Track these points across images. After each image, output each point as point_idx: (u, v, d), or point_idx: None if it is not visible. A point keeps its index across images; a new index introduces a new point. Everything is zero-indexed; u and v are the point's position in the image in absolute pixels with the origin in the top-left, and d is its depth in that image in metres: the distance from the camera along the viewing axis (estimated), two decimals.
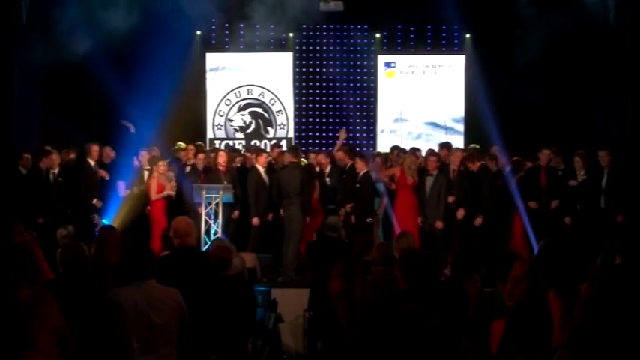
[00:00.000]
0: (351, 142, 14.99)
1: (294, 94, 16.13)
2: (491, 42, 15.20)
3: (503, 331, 5.23)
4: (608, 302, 4.02)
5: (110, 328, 3.78)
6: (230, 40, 15.98)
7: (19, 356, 4.26)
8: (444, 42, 16.05)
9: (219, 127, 16.15)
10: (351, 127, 15.47)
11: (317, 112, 16.26)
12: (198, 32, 15.84)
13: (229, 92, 16.15)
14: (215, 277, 6.71)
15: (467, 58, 15.79)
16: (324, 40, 16.05)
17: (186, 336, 5.62)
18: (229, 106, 16.16)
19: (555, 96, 14.96)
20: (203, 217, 11.76)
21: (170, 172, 12.38)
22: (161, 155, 12.80)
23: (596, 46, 14.83)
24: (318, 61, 16.10)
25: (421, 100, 15.97)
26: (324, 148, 14.74)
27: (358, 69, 16.17)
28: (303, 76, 16.24)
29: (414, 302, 4.46)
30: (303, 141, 15.95)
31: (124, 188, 12.30)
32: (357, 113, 15.88)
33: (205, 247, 10.79)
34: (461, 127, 15.90)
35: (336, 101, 16.11)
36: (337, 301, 6.60)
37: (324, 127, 16.21)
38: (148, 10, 14.12)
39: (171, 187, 12.23)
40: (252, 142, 15.89)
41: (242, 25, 15.54)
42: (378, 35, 16.04)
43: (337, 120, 15.98)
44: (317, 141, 16.12)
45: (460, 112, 15.93)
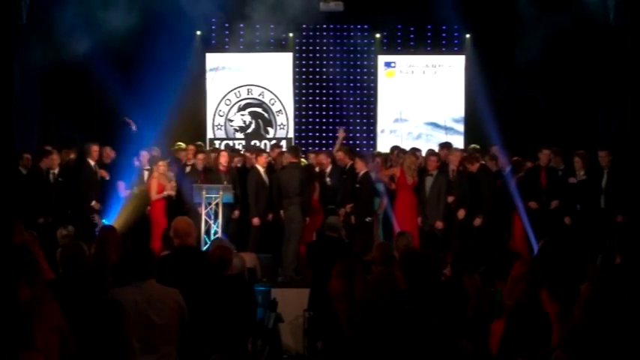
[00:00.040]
0: (351, 142, 14.97)
1: (294, 94, 16.12)
2: (491, 42, 15.20)
3: (502, 331, 5.23)
4: (608, 302, 4.02)
5: (110, 328, 3.79)
6: (230, 40, 15.96)
7: (19, 356, 4.26)
8: (444, 42, 16.03)
9: (219, 127, 16.14)
10: (351, 127, 15.48)
11: (317, 112, 16.25)
12: (198, 32, 15.82)
13: (229, 92, 16.14)
14: (215, 277, 6.71)
15: (467, 58, 15.78)
16: (324, 40, 16.04)
17: (186, 336, 5.62)
18: (229, 106, 16.15)
19: (555, 96, 14.97)
20: (203, 217, 11.76)
21: (170, 172, 12.38)
22: (161, 155, 12.80)
23: (596, 46, 14.81)
24: (318, 61, 16.08)
25: (421, 100, 15.95)
26: (324, 148, 14.72)
27: (358, 69, 16.15)
28: (303, 76, 16.22)
29: (414, 302, 4.47)
30: (303, 141, 15.93)
31: (124, 188, 12.31)
32: (357, 113, 15.89)
33: (205, 247, 10.79)
34: (461, 127, 15.89)
35: (336, 101, 16.08)
36: (337, 301, 6.58)
37: (324, 127, 16.19)
38: (148, 10, 14.09)
39: (171, 187, 12.23)
40: (252, 142, 15.88)
41: (242, 25, 15.52)
42: (378, 35, 16.03)
43: (337, 120, 15.95)
44: (317, 141, 16.10)
45: (460, 112, 15.92)
